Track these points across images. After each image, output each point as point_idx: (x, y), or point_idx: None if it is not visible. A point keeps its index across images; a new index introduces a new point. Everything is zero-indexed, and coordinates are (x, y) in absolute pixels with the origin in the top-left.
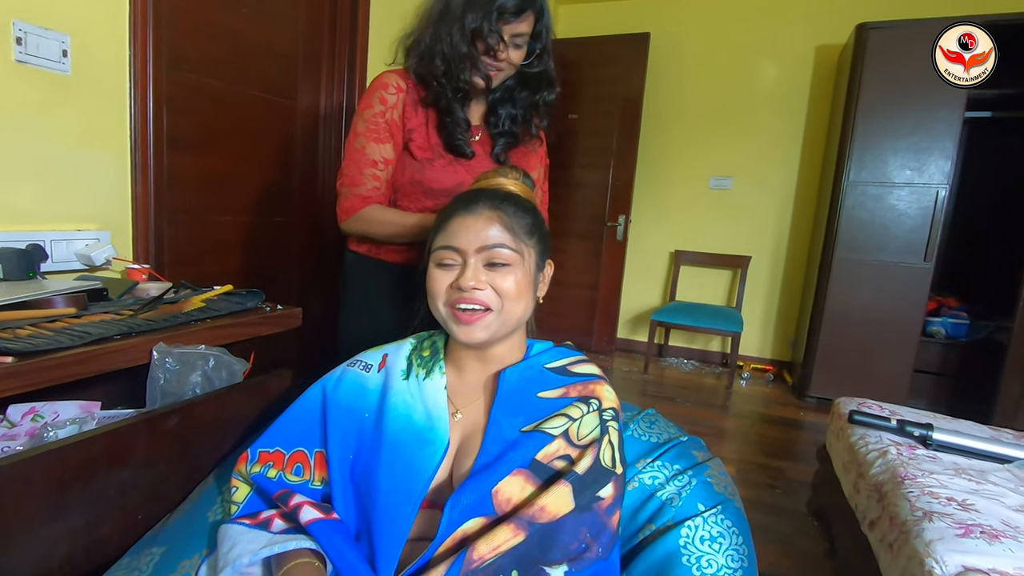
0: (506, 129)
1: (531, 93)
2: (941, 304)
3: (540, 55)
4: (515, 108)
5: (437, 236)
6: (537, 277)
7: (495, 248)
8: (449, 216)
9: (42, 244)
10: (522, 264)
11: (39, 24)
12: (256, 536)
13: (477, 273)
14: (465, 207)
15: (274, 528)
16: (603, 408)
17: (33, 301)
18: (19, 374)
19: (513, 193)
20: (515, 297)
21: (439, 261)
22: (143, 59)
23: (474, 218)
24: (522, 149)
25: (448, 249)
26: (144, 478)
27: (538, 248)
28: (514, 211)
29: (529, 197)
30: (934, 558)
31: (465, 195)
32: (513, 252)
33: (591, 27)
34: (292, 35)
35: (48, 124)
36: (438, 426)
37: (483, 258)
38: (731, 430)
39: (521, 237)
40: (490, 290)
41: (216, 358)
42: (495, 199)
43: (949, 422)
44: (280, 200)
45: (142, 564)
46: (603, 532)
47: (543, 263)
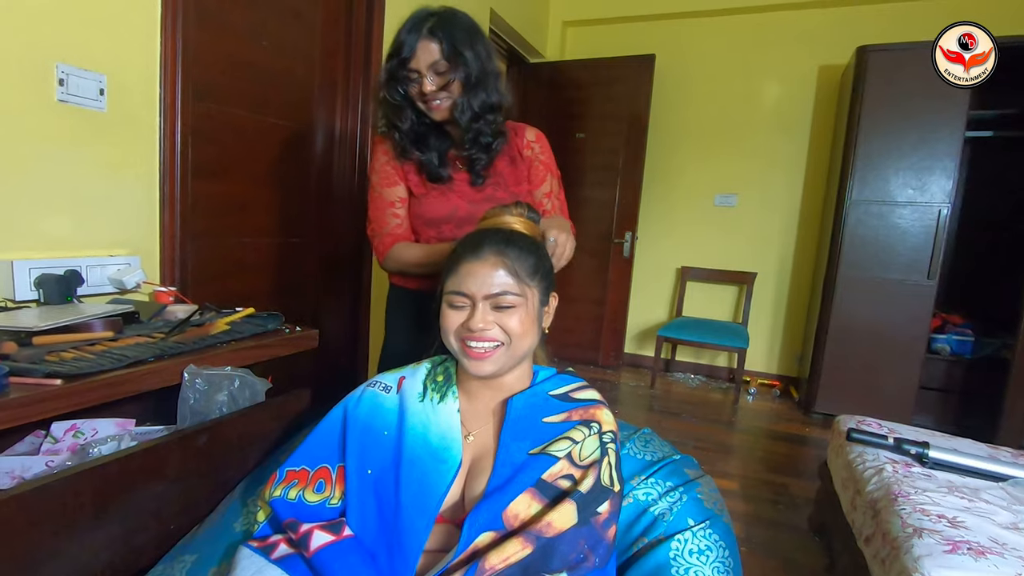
0: (471, 154)
1: (473, 118)
2: (946, 321)
3: (469, 77)
4: (468, 133)
5: (448, 279)
6: (541, 312)
7: (500, 295)
8: (458, 261)
9: (78, 269)
10: (526, 304)
11: (79, 65)
12: (251, 562)
13: (485, 315)
14: (473, 252)
15: (277, 553)
16: (603, 431)
17: (74, 325)
18: (66, 395)
19: (517, 233)
20: (521, 335)
21: (451, 303)
22: (172, 93)
23: (480, 264)
24: (511, 169)
25: (458, 294)
26: (176, 491)
27: (541, 286)
28: (517, 255)
29: (533, 232)
30: (921, 573)
31: (473, 238)
32: (517, 296)
33: (598, 49)
34: (308, 64)
35: (85, 157)
36: (452, 447)
37: (490, 302)
38: (736, 446)
39: (524, 280)
40: (498, 328)
41: (241, 379)
42: (499, 243)
43: (947, 440)
44: (297, 222)
45: (176, 571)
46: (600, 544)
47: (547, 298)
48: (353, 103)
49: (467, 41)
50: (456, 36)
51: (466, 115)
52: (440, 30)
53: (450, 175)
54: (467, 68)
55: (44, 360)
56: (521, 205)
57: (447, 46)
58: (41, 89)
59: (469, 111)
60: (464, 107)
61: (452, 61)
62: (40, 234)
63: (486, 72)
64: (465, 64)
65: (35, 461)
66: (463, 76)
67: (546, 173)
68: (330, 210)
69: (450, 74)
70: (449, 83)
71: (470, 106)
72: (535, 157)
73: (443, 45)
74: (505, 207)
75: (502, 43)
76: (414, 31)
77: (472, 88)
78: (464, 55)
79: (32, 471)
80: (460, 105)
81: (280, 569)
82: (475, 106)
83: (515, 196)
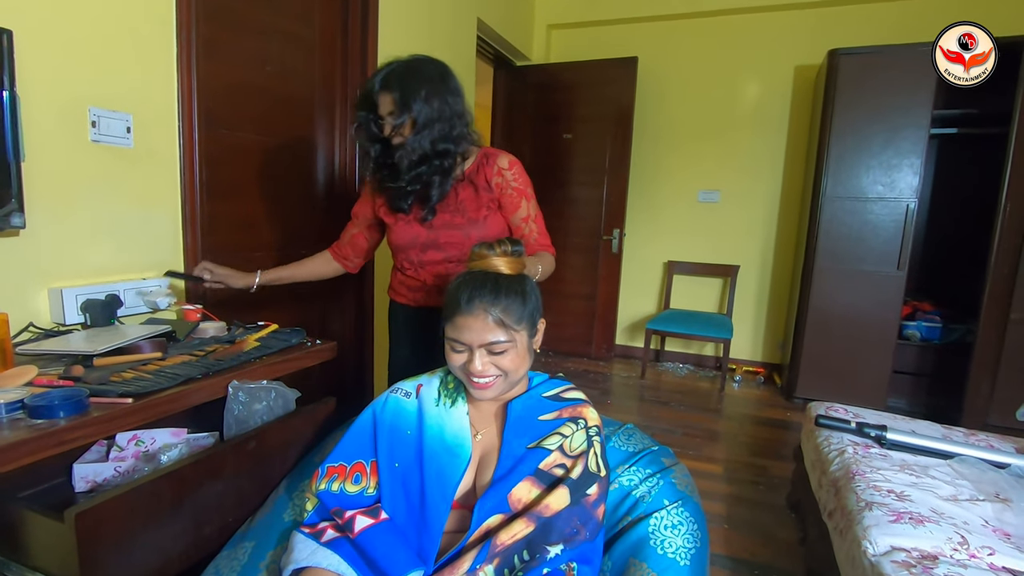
0: (415, 191)
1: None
2: (916, 308)
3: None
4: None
5: (447, 326)
6: (531, 344)
7: (493, 343)
8: (454, 311)
9: (117, 293)
10: (517, 345)
11: (108, 107)
12: (305, 546)
13: (482, 359)
14: (467, 305)
15: (326, 537)
16: (588, 426)
17: (127, 347)
18: (137, 412)
19: (503, 281)
20: (515, 369)
21: (452, 347)
22: (189, 124)
23: (473, 318)
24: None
25: (457, 342)
26: (232, 488)
27: (528, 324)
28: (505, 307)
29: (518, 268)
30: (869, 540)
31: (465, 290)
32: (508, 342)
33: (582, 52)
34: (309, 87)
35: (118, 190)
36: (464, 443)
37: (485, 348)
38: (721, 432)
39: (513, 326)
40: (494, 367)
41: (276, 391)
42: (488, 297)
43: (908, 423)
44: (302, 235)
45: (239, 555)
46: (590, 520)
47: (535, 331)
48: (351, 121)
49: (418, 91)
50: (407, 88)
51: (406, 159)
52: (394, 82)
53: (408, 206)
54: (413, 116)
55: (111, 381)
56: (504, 243)
57: (398, 97)
58: (76, 132)
59: (412, 155)
60: (408, 150)
61: (401, 110)
62: (84, 263)
63: (434, 119)
64: (410, 112)
65: (105, 467)
66: (411, 123)
67: (520, 199)
68: (333, 223)
69: (396, 120)
70: (400, 126)
71: (414, 149)
72: (506, 185)
73: (394, 96)
74: (490, 246)
75: (488, 48)
76: (375, 82)
77: (418, 132)
78: (411, 105)
79: (103, 476)
80: (407, 147)
81: (329, 550)
82: (419, 151)
83: (474, 222)
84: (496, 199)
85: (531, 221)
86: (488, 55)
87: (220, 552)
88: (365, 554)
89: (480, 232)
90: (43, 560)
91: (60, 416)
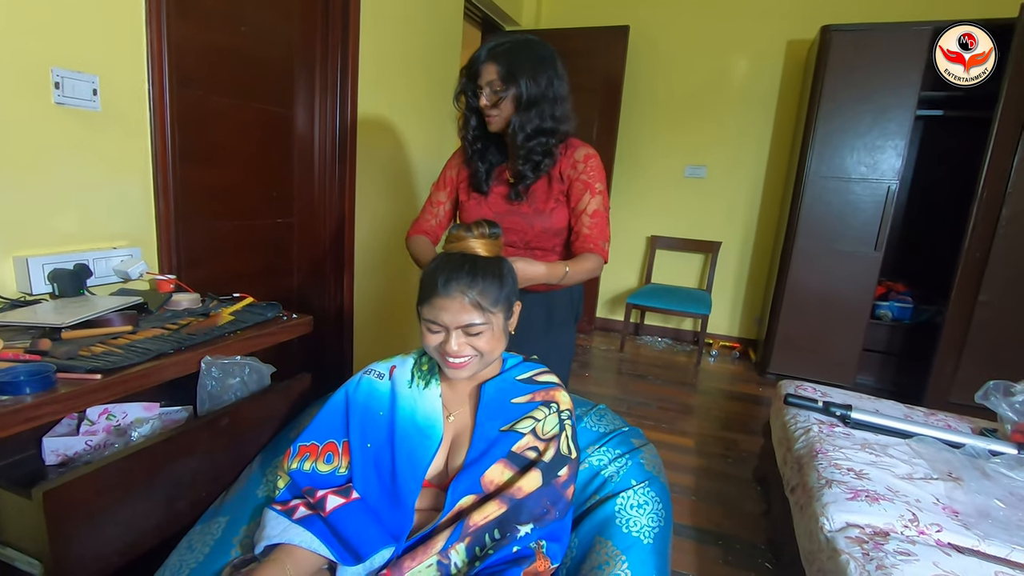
0: (522, 169)
1: (526, 138)
2: (890, 289)
3: (520, 100)
4: (520, 150)
5: (423, 307)
6: (507, 325)
7: (469, 325)
8: (431, 293)
9: (86, 263)
10: (492, 327)
11: (72, 68)
12: (278, 522)
13: (458, 340)
14: (443, 287)
15: (298, 514)
16: (561, 410)
17: (96, 320)
18: (106, 388)
19: (480, 263)
20: (490, 349)
21: (428, 328)
22: (160, 86)
23: (449, 301)
24: (545, 188)
25: (433, 323)
26: (206, 464)
27: (504, 306)
28: (481, 289)
29: (495, 251)
30: (826, 517)
31: (442, 272)
32: (484, 324)
33: (572, 19)
34: (287, 48)
35: (84, 156)
36: (435, 425)
37: (461, 330)
38: (695, 405)
39: (489, 308)
40: (470, 348)
41: (251, 366)
42: (464, 279)
43: (872, 402)
44: (281, 203)
45: (213, 529)
46: (559, 500)
47: (511, 313)
48: (332, 83)
49: (527, 68)
50: (515, 63)
51: (519, 135)
52: (502, 55)
53: (489, 188)
54: (519, 91)
55: (79, 356)
56: (482, 224)
57: (503, 70)
58: (39, 94)
59: (522, 131)
60: (518, 126)
61: (506, 83)
62: (50, 231)
63: (539, 98)
64: (517, 87)
65: (76, 441)
66: (513, 98)
67: (584, 191)
68: (313, 190)
69: (502, 93)
70: (499, 101)
71: (523, 126)
72: (577, 176)
73: (499, 68)
74: (468, 228)
75: (476, 11)
76: (484, 52)
77: (524, 110)
78: (518, 80)
79: (74, 449)
80: (513, 124)
81: (301, 527)
82: (527, 128)
83: (540, 213)
84: (565, 191)
85: (587, 216)
86: (475, 18)
87: (193, 527)
88: (337, 532)
89: (544, 223)
90: (13, 535)
91: (26, 392)
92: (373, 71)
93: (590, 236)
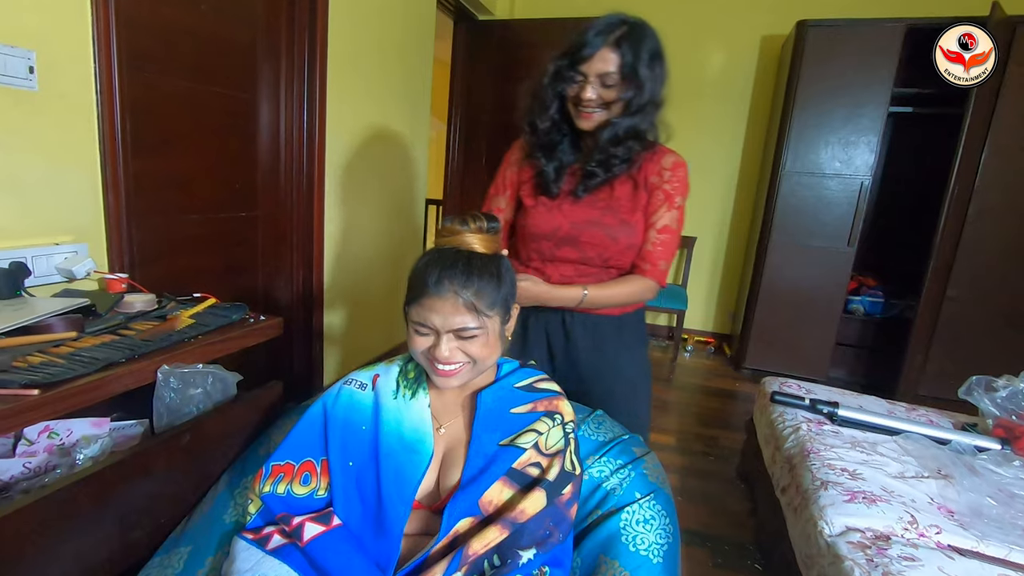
0: (593, 170)
1: (614, 141)
2: (862, 284)
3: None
4: (599, 153)
5: (411, 307)
6: (503, 330)
7: (462, 329)
8: (421, 291)
9: (24, 261)
10: (487, 331)
11: (3, 42)
12: (250, 554)
13: (449, 344)
14: (435, 286)
15: (272, 544)
16: (565, 421)
17: (35, 326)
18: (43, 405)
19: (476, 261)
20: (484, 356)
21: (416, 330)
22: (108, 66)
23: (442, 302)
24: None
25: (423, 325)
26: (165, 487)
27: (501, 309)
28: (477, 289)
29: (493, 247)
30: (825, 520)
31: (433, 269)
32: (478, 328)
33: (548, 8)
34: (251, 29)
35: (19, 141)
36: (424, 439)
37: (453, 333)
38: (673, 402)
39: (484, 311)
40: (461, 354)
41: (214, 375)
42: (459, 278)
43: (855, 398)
44: (244, 195)
45: (174, 561)
46: (563, 521)
47: (507, 316)
48: (299, 67)
49: (648, 63)
50: (640, 55)
51: (608, 134)
52: (627, 44)
53: (559, 190)
54: (638, 91)
55: (13, 367)
56: (479, 218)
57: (627, 63)
58: None
59: (613, 132)
60: (614, 127)
61: (626, 79)
62: None
63: (651, 101)
64: (637, 87)
65: (13, 464)
66: (629, 98)
67: (663, 203)
68: (279, 181)
69: (617, 92)
70: (612, 100)
71: (619, 128)
72: (659, 184)
73: (623, 60)
74: (463, 221)
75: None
76: (601, 35)
77: (632, 113)
78: (640, 77)
79: (10, 473)
80: (613, 124)
81: (277, 559)
82: (621, 130)
83: (625, 225)
84: (647, 200)
85: (654, 230)
86: (448, 6)
87: (151, 559)
88: (316, 564)
89: (628, 238)
90: None
91: None
92: (344, 55)
93: (651, 254)
